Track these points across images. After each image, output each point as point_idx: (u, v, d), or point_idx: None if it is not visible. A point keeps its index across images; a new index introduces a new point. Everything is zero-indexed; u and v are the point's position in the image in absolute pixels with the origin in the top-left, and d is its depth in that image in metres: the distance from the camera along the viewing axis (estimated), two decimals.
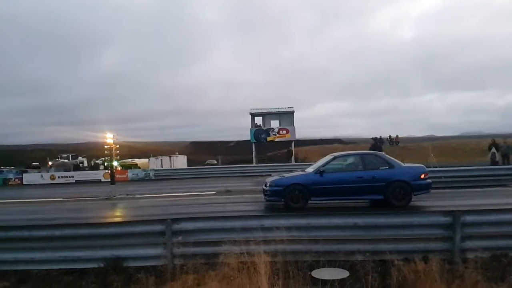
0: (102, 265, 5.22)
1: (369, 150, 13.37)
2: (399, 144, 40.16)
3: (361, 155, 9.45)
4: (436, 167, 14.43)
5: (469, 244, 4.96)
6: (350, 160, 9.44)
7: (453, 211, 5.13)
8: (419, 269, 4.20)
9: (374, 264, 4.52)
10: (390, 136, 41.22)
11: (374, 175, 8.58)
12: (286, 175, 9.91)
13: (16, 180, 26.24)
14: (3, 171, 33.77)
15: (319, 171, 8.88)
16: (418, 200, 9.95)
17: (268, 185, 9.24)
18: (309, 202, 8.85)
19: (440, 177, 12.12)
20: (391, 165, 8.81)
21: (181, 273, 4.67)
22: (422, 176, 8.75)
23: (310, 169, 9.42)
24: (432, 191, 11.16)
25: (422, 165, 9.48)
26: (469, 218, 5.09)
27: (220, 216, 6.98)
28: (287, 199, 8.80)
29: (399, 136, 43.29)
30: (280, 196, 8.91)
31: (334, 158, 9.36)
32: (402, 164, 9.28)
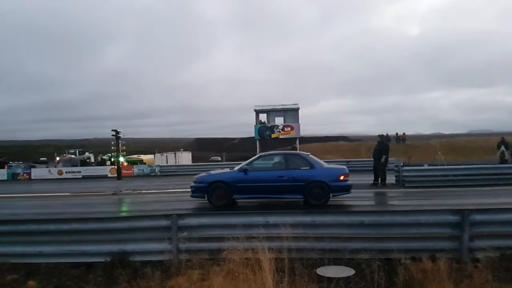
0: (108, 259, 5.26)
1: (376, 147, 13.19)
2: (406, 142, 39.87)
3: (285, 155, 9.72)
4: (444, 165, 14.26)
5: (478, 243, 4.89)
6: (274, 159, 9.69)
7: (461, 209, 5.06)
8: (427, 268, 4.15)
9: (380, 262, 4.48)
10: (396, 134, 40.94)
11: (293, 175, 8.83)
12: (213, 172, 10.16)
13: (25, 175, 26.56)
14: (12, 166, 34.20)
15: (243, 169, 9.13)
16: (425, 199, 9.88)
17: (193, 182, 9.45)
18: (234, 199, 9.11)
19: (448, 175, 12.01)
20: (312, 166, 9.00)
21: (186, 268, 4.68)
22: (342, 178, 8.90)
23: (237, 167, 9.57)
24: (440, 189, 11.17)
25: (343, 167, 9.58)
26: (478, 217, 5.01)
27: (225, 212, 7.00)
28: (210, 196, 9.04)
29: (406, 133, 42.99)
30: (203, 192, 9.14)
31: (260, 157, 9.69)
32: (325, 165, 9.47)
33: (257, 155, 9.81)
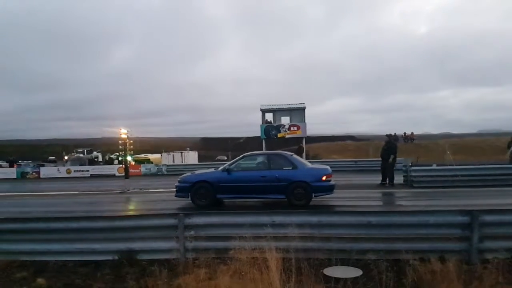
0: (116, 257, 5.30)
1: (384, 147, 13.05)
2: (414, 141, 39.45)
3: (268, 155, 9.78)
4: (453, 165, 14.08)
5: (488, 244, 4.83)
6: (258, 159, 9.72)
7: (471, 210, 4.99)
8: (436, 269, 4.10)
9: (388, 263, 4.44)
10: (404, 133, 40.52)
11: (276, 175, 8.83)
12: (197, 172, 10.30)
13: (34, 173, 26.92)
14: (21, 164, 34.79)
15: (226, 169, 9.21)
16: (433, 199, 9.77)
17: (178, 181, 9.57)
18: (218, 199, 9.19)
19: (457, 175, 11.84)
20: (294, 166, 8.99)
21: (193, 267, 4.70)
22: (324, 178, 8.82)
23: (221, 167, 9.63)
24: (449, 190, 11.02)
25: (326, 167, 9.46)
26: (487, 217, 4.94)
27: (231, 211, 7.00)
28: (193, 196, 9.11)
29: (414, 133, 42.52)
30: (186, 192, 9.22)
31: (244, 157, 9.72)
32: (308, 165, 9.47)
33: (241, 155, 9.87)
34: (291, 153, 9.98)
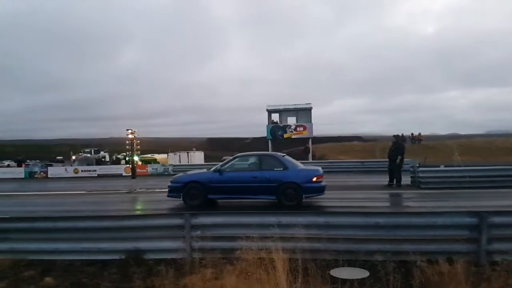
0: (123, 257, 5.33)
1: (391, 148, 12.94)
2: (421, 142, 39.10)
3: (260, 156, 9.75)
4: (461, 166, 13.93)
5: (496, 246, 4.77)
6: (250, 160, 9.75)
7: (479, 211, 4.94)
8: (443, 271, 4.06)
9: (396, 264, 4.40)
10: (412, 134, 40.17)
11: (266, 175, 8.84)
12: (189, 172, 10.45)
13: (42, 173, 27.20)
14: (29, 164, 35.24)
15: (218, 170, 9.25)
16: (441, 200, 9.67)
17: (170, 182, 9.69)
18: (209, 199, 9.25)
19: (465, 176, 11.71)
20: (285, 167, 8.99)
21: (199, 267, 4.71)
22: (314, 179, 8.82)
23: (213, 168, 9.68)
24: (457, 191, 10.90)
25: (317, 168, 9.42)
26: (496, 219, 4.89)
27: (238, 212, 7.01)
28: (185, 196, 9.19)
29: (422, 134, 42.15)
30: (178, 192, 9.31)
31: (236, 157, 9.76)
32: (299, 166, 9.43)
33: (234, 156, 9.93)
34: (283, 154, 10.01)
